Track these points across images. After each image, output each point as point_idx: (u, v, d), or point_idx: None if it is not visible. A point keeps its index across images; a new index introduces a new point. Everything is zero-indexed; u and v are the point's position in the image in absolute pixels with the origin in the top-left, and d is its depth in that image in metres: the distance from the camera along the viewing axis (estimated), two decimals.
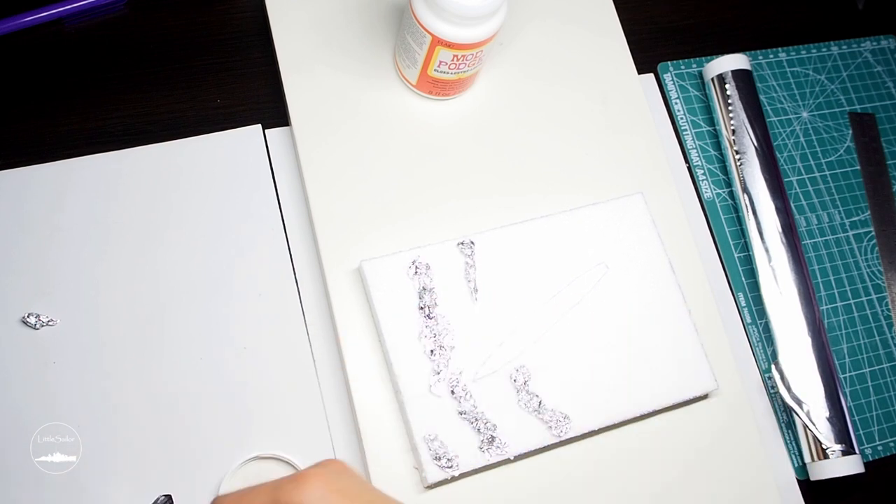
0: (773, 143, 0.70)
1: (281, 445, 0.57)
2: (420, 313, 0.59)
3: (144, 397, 0.57)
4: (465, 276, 0.60)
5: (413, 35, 0.59)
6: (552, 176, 0.66)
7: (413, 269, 0.59)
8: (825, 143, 0.75)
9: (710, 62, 0.72)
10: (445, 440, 0.56)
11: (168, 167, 0.63)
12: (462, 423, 0.57)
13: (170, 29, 0.67)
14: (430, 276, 0.59)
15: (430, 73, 0.61)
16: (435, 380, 0.57)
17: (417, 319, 0.59)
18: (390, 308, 0.58)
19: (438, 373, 0.57)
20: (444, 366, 0.58)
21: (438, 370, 0.57)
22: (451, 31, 0.57)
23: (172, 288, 0.60)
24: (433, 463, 0.55)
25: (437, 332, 0.58)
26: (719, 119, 0.71)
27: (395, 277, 0.59)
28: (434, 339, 0.58)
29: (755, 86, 0.71)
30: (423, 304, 0.59)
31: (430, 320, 0.58)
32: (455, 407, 0.57)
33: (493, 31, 0.58)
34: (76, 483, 0.55)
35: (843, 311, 0.70)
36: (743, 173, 0.69)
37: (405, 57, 0.62)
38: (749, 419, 0.63)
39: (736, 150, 0.69)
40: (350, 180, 0.62)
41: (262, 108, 0.66)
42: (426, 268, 0.59)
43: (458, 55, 0.59)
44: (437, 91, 0.64)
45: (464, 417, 0.57)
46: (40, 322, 0.57)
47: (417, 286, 0.59)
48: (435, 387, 0.57)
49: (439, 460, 0.55)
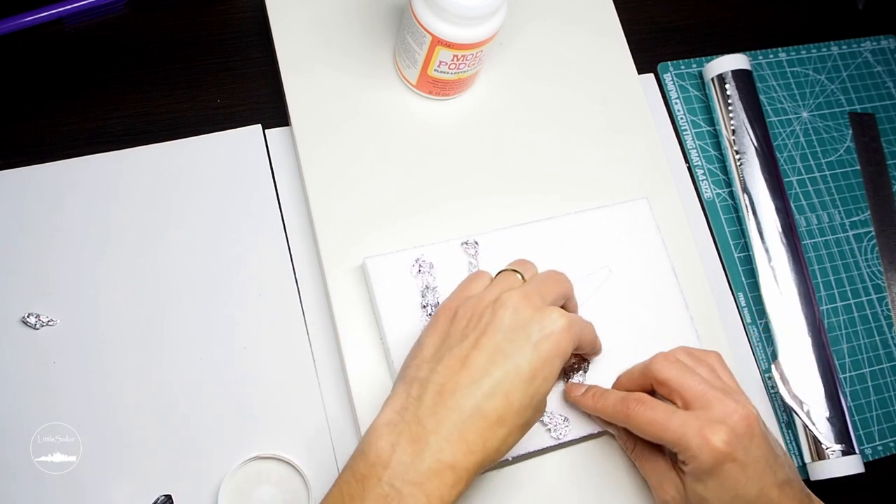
0: (773, 143, 0.70)
1: (281, 445, 0.57)
2: (423, 312, 0.59)
3: (144, 397, 0.57)
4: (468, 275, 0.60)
5: (413, 35, 0.59)
6: (552, 176, 0.66)
7: (416, 268, 0.59)
8: (825, 143, 0.75)
9: (710, 62, 0.72)
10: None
11: (168, 167, 0.63)
12: None
13: (170, 29, 0.67)
14: (433, 275, 0.59)
15: (430, 73, 0.61)
16: None
17: (420, 318, 0.59)
18: (392, 305, 0.58)
19: None
20: None
21: None
22: (451, 30, 0.57)
23: (172, 288, 0.60)
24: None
25: None
26: (719, 119, 0.71)
27: (397, 275, 0.59)
28: None
29: (755, 86, 0.71)
30: (425, 303, 0.59)
31: None
32: None
33: (493, 31, 0.58)
34: (76, 483, 0.55)
35: (843, 311, 0.70)
36: (743, 173, 0.69)
37: (405, 57, 0.62)
38: None
39: (736, 150, 0.70)
40: (350, 180, 0.62)
41: (262, 108, 0.66)
42: (430, 266, 0.59)
43: (459, 55, 0.59)
44: (438, 91, 0.64)
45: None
46: (40, 322, 0.57)
47: (420, 284, 0.59)
48: None
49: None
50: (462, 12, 0.55)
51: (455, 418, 0.45)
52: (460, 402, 0.46)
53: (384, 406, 0.48)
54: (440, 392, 0.46)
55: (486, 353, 0.47)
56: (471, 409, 0.46)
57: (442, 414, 0.45)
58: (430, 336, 0.50)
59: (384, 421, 0.46)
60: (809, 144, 0.75)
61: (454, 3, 0.55)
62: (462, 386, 0.46)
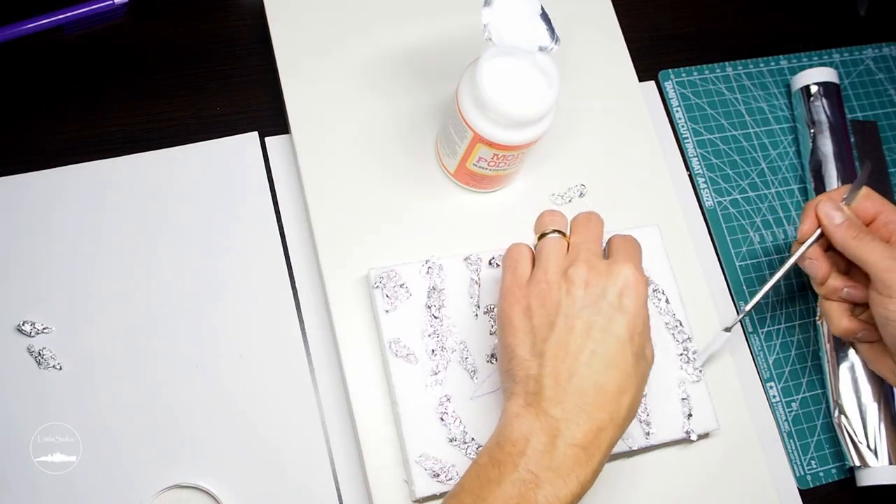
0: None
1: (277, 453, 0.57)
2: (426, 312, 0.58)
3: (140, 406, 0.57)
4: (468, 291, 0.60)
5: (455, 127, 0.58)
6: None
7: (426, 268, 0.59)
8: None
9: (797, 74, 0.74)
10: (438, 457, 0.56)
11: (163, 174, 0.63)
12: (453, 448, 0.56)
13: (169, 37, 0.67)
14: (441, 277, 0.59)
15: (469, 166, 0.60)
16: (432, 381, 0.57)
17: (423, 317, 0.58)
18: (393, 305, 0.58)
19: (436, 373, 0.57)
20: (444, 367, 0.57)
21: (436, 371, 0.57)
22: (494, 130, 0.55)
23: (168, 295, 0.60)
24: (424, 477, 0.55)
25: (440, 332, 0.58)
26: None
27: (400, 278, 0.59)
28: (437, 339, 0.58)
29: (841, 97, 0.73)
30: (430, 304, 0.58)
31: (435, 319, 0.58)
32: (445, 434, 0.56)
33: (538, 136, 0.57)
34: (75, 483, 0.55)
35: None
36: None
37: (446, 146, 0.61)
38: (751, 433, 0.62)
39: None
40: (349, 188, 0.62)
41: (261, 116, 0.66)
42: (439, 268, 0.59)
43: (500, 154, 0.58)
44: (475, 184, 0.63)
45: (454, 444, 0.56)
46: (35, 330, 0.57)
47: (427, 285, 0.59)
48: (430, 388, 0.57)
49: (437, 476, 0.55)
50: (508, 115, 0.54)
51: (579, 401, 0.47)
52: (578, 386, 0.47)
53: (506, 404, 0.49)
54: (556, 382, 0.47)
55: (580, 333, 0.48)
56: (591, 389, 0.47)
57: (566, 401, 0.47)
58: (514, 336, 0.50)
59: (513, 413, 0.48)
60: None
61: (499, 106, 0.53)
62: (574, 371, 0.47)
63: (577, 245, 0.51)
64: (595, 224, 0.53)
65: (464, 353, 0.58)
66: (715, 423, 0.60)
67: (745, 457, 0.61)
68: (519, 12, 0.54)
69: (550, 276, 0.50)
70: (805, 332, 0.68)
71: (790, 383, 0.67)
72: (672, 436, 0.59)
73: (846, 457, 0.63)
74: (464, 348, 0.58)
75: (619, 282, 0.49)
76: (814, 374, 0.67)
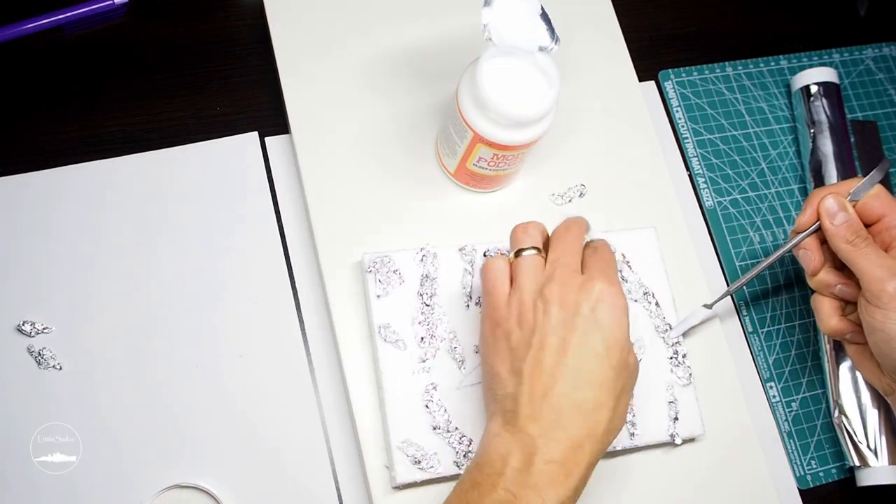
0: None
1: (277, 453, 0.57)
2: (418, 299, 0.58)
3: (140, 406, 0.57)
4: (461, 281, 0.60)
5: (455, 126, 0.58)
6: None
7: (420, 256, 0.59)
8: None
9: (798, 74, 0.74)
10: (421, 444, 0.56)
11: (163, 174, 0.63)
12: (437, 436, 0.56)
13: (169, 37, 0.67)
14: (435, 266, 0.59)
15: (469, 166, 0.60)
16: (420, 368, 0.57)
17: (414, 304, 0.58)
18: (385, 291, 0.58)
19: (424, 361, 0.57)
20: (432, 355, 0.57)
21: (424, 358, 0.57)
22: (494, 130, 0.55)
23: (168, 295, 0.60)
24: (405, 463, 0.55)
25: (431, 320, 0.58)
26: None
27: (394, 264, 0.59)
28: (427, 327, 0.58)
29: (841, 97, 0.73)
30: (422, 291, 0.59)
31: (426, 307, 0.58)
32: (429, 421, 0.56)
33: (537, 136, 0.57)
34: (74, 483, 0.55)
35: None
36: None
37: (446, 146, 0.61)
38: (750, 431, 0.62)
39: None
40: (349, 187, 0.62)
41: (262, 116, 0.66)
42: (433, 257, 0.59)
43: (500, 154, 0.58)
44: (475, 184, 0.63)
45: (437, 433, 0.56)
46: (35, 330, 0.57)
47: (421, 272, 0.59)
48: (417, 375, 0.57)
49: (418, 463, 0.55)
50: (508, 115, 0.54)
51: (555, 418, 0.47)
52: (554, 403, 0.47)
53: (487, 424, 0.50)
54: (531, 400, 0.48)
55: (556, 350, 0.48)
56: (567, 406, 0.47)
57: (542, 419, 0.47)
58: (495, 356, 0.51)
59: (493, 433, 0.49)
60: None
61: (499, 106, 0.53)
62: (550, 388, 0.48)
63: (553, 262, 0.51)
64: (574, 235, 0.53)
65: (453, 342, 0.58)
66: (701, 429, 0.60)
67: (745, 457, 0.62)
68: (519, 12, 0.54)
69: (525, 297, 0.50)
70: (805, 332, 0.68)
71: (790, 383, 0.67)
72: (657, 438, 0.59)
73: (846, 457, 0.63)
74: (453, 338, 0.58)
75: (592, 296, 0.49)
76: (814, 374, 0.67)
